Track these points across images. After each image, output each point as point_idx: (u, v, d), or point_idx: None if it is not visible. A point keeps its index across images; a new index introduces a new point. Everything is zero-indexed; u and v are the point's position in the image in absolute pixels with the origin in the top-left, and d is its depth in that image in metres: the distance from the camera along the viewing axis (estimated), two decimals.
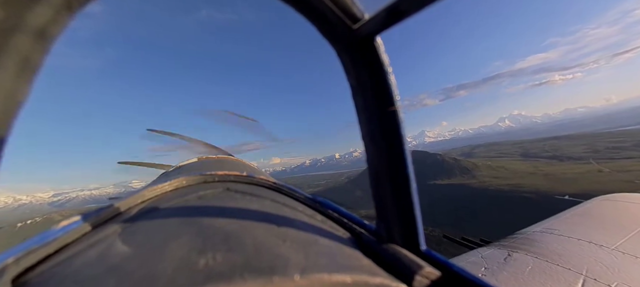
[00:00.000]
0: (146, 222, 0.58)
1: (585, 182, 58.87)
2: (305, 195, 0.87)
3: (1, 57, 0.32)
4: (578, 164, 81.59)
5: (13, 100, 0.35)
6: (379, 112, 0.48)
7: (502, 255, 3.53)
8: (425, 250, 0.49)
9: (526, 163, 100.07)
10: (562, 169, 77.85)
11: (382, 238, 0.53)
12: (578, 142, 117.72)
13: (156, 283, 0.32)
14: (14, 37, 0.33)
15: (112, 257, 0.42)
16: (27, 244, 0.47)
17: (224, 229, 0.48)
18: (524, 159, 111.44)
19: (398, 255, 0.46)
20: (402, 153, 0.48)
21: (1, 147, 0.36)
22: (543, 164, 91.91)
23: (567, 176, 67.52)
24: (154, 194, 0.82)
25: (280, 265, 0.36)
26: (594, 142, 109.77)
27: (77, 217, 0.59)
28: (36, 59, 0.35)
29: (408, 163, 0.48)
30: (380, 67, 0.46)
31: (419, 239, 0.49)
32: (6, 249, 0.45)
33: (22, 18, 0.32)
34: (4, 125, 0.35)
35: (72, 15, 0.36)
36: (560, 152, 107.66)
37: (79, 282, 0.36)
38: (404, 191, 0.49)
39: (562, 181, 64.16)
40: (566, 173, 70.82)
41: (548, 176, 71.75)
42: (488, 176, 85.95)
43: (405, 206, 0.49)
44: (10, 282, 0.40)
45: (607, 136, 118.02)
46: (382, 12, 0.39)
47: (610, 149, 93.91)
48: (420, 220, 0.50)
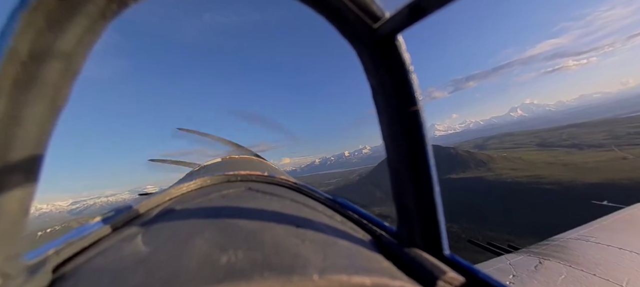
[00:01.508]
0: (172, 219, 0.60)
1: (609, 170, 56.44)
2: (325, 195, 0.87)
3: (45, 63, 0.35)
4: (599, 152, 78.69)
5: (55, 106, 0.38)
6: (401, 113, 0.47)
7: (532, 262, 3.48)
8: (449, 255, 0.48)
9: (544, 153, 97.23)
10: (583, 158, 75.15)
11: (403, 241, 0.52)
12: (597, 129, 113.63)
13: (181, 277, 0.33)
14: (55, 43, 0.35)
15: (141, 251, 0.44)
16: (66, 237, 0.51)
17: (245, 228, 0.49)
18: (541, 149, 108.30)
19: (419, 259, 0.45)
20: (425, 154, 0.47)
21: (43, 150, 0.39)
22: (562, 154, 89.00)
23: (588, 165, 64.97)
24: (180, 193, 0.87)
25: (300, 265, 0.36)
26: (613, 128, 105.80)
27: (111, 212, 0.64)
28: (76, 66, 0.38)
29: (431, 164, 0.47)
30: (402, 67, 0.45)
31: (442, 242, 0.48)
32: (48, 242, 0.48)
33: (62, 26, 0.34)
34: (46, 131, 0.38)
35: (107, 24, 0.38)
36: (579, 140, 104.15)
37: (111, 274, 0.38)
38: (426, 193, 0.48)
39: (584, 170, 61.73)
40: (587, 162, 68.22)
41: (568, 166, 69.33)
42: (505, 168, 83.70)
43: (427, 209, 0.48)
44: (51, 272, 0.43)
45: (627, 121, 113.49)
46: (403, 9, 0.38)
47: (632, 135, 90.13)
48: (444, 223, 0.49)
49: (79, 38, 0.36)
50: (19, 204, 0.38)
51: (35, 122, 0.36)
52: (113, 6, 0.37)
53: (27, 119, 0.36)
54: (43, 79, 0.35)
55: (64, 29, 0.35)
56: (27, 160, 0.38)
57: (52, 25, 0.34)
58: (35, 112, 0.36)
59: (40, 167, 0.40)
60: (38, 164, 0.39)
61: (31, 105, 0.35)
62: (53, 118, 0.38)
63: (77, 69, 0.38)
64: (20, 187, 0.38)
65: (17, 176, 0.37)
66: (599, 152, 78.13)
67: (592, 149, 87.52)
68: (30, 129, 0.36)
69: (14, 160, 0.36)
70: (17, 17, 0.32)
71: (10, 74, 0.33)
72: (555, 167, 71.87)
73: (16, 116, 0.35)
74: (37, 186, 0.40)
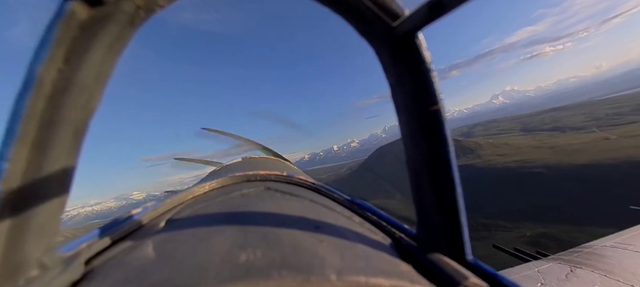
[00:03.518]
0: (195, 216, 0.63)
1: (594, 151, 57.44)
2: (344, 196, 0.88)
3: (79, 69, 0.37)
4: (582, 134, 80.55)
5: (88, 109, 0.40)
6: (421, 112, 0.46)
7: (562, 270, 3.40)
8: (472, 260, 0.46)
9: (528, 137, 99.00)
10: (567, 140, 76.65)
11: (423, 244, 0.50)
12: (576, 111, 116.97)
13: (203, 272, 0.34)
14: (88, 50, 0.36)
15: (165, 246, 0.46)
16: (97, 232, 0.54)
17: (264, 227, 0.49)
18: (526, 134, 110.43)
19: (440, 263, 0.43)
20: (446, 154, 0.46)
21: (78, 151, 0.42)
22: (546, 137, 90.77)
23: (573, 147, 66.17)
24: (202, 191, 0.91)
25: (317, 265, 0.36)
26: (592, 110, 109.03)
27: (139, 209, 0.68)
28: (107, 71, 0.40)
29: (452, 165, 0.46)
30: (422, 65, 0.44)
31: (464, 247, 0.47)
32: (80, 236, 0.51)
33: (94, 33, 0.36)
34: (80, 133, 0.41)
35: (135, 31, 0.40)
36: (561, 123, 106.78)
37: (138, 267, 0.40)
38: (448, 195, 0.47)
39: (570, 152, 62.79)
40: (572, 144, 69.51)
41: (554, 149, 70.45)
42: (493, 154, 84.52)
43: (449, 211, 0.47)
44: (84, 264, 0.45)
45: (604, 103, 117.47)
46: (423, 7, 0.37)
47: (611, 116, 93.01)
48: (466, 227, 0.47)
49: (110, 45, 0.38)
50: (56, 201, 0.41)
51: (70, 125, 0.39)
52: (141, 13, 0.38)
53: (64, 122, 0.38)
54: (77, 84, 0.37)
55: (96, 36, 0.36)
56: (62, 160, 0.40)
57: (85, 33, 0.36)
58: (70, 116, 0.38)
59: (74, 167, 0.42)
60: (73, 164, 0.42)
61: (67, 108, 0.37)
62: (87, 121, 0.41)
63: (108, 74, 0.40)
64: (56, 187, 0.40)
65: (54, 175, 0.39)
66: (581, 134, 79.99)
67: (574, 131, 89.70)
68: (66, 131, 0.39)
69: (51, 161, 0.38)
70: (53, 27, 0.34)
71: (49, 80, 0.35)
72: (542, 150, 72.93)
73: (54, 119, 0.37)
74: (72, 185, 0.43)
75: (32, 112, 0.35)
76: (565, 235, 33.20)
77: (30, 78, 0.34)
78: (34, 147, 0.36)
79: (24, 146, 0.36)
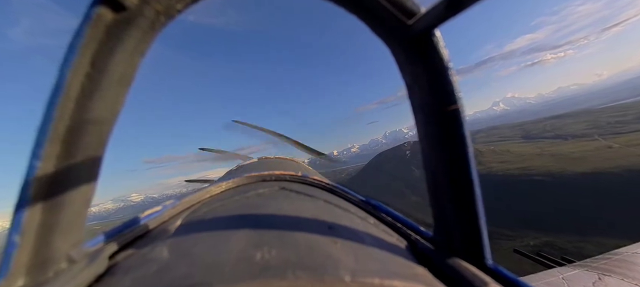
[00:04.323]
0: (211, 215, 0.64)
1: (597, 159, 56.88)
2: (359, 197, 0.88)
3: (105, 72, 0.39)
4: (584, 141, 79.83)
5: (114, 111, 0.42)
6: (438, 112, 0.44)
7: (589, 278, 3.22)
8: (492, 265, 0.44)
9: (530, 145, 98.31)
10: (569, 148, 76.02)
11: (440, 247, 0.49)
12: (578, 119, 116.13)
13: (219, 270, 0.35)
14: (113, 53, 0.39)
15: (183, 244, 0.47)
16: (119, 228, 0.57)
17: (279, 227, 0.50)
18: (527, 141, 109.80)
19: (458, 267, 0.42)
20: (465, 156, 0.44)
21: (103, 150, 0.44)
22: (548, 145, 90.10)
23: (575, 155, 65.59)
24: (219, 190, 0.94)
25: (331, 265, 0.36)
26: (594, 118, 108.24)
27: (159, 207, 0.71)
28: (130, 73, 0.42)
29: (471, 167, 0.45)
30: (440, 63, 0.43)
31: (484, 251, 0.45)
32: (105, 231, 0.53)
33: (119, 37, 0.38)
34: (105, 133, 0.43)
35: (156, 35, 0.42)
36: (563, 131, 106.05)
37: (158, 263, 0.41)
38: (466, 197, 0.45)
39: (572, 160, 62.22)
40: (574, 152, 68.96)
41: (556, 157, 69.89)
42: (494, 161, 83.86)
43: (468, 214, 0.45)
44: (108, 259, 0.46)
45: (606, 111, 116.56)
46: (439, 4, 0.36)
47: (613, 124, 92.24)
48: (486, 230, 0.45)
49: (133, 48, 0.40)
50: (82, 198, 0.43)
51: (97, 125, 0.41)
52: (161, 18, 0.40)
53: (91, 123, 0.40)
54: (103, 86, 0.39)
55: (120, 40, 0.38)
56: (89, 159, 0.41)
57: (110, 38, 0.37)
58: (97, 117, 0.40)
59: (100, 166, 0.44)
60: (98, 163, 0.44)
61: (94, 109, 0.39)
62: (112, 121, 0.43)
63: (131, 77, 0.42)
64: (83, 184, 0.42)
65: (81, 174, 0.41)
66: (583, 142, 79.29)
67: (576, 139, 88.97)
68: (93, 132, 0.40)
69: (79, 160, 0.40)
70: (81, 32, 0.36)
71: (77, 83, 0.37)
72: (544, 158, 72.37)
73: (82, 120, 0.39)
74: (97, 183, 0.45)
75: (62, 113, 0.37)
76: (569, 245, 32.53)
77: (61, 81, 0.36)
78: (64, 146, 0.38)
79: (55, 145, 0.37)
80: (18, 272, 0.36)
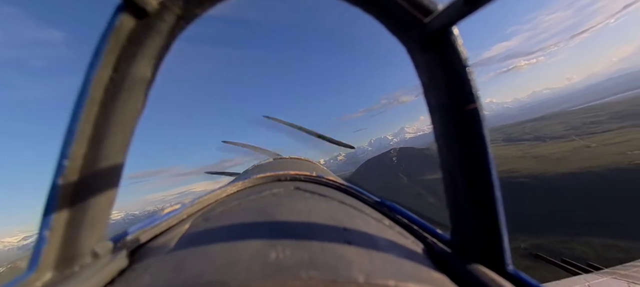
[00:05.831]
0: (227, 213, 0.65)
1: (576, 159, 57.91)
2: (374, 198, 0.87)
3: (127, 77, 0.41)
4: (562, 143, 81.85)
5: (134, 115, 0.45)
6: (456, 111, 0.43)
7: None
8: (513, 270, 0.42)
9: (512, 147, 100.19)
10: (549, 149, 77.70)
11: (457, 251, 0.47)
12: (555, 121, 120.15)
13: (235, 268, 0.36)
14: (135, 58, 0.40)
15: (200, 241, 0.48)
16: (141, 225, 0.59)
17: (293, 226, 0.50)
18: (509, 144, 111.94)
19: (477, 272, 0.40)
20: (484, 156, 0.42)
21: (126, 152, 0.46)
22: (528, 147, 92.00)
23: (556, 156, 66.82)
24: (235, 189, 0.96)
25: (345, 266, 0.36)
26: (570, 119, 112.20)
27: (178, 205, 0.74)
28: (150, 77, 0.44)
29: (491, 168, 0.42)
30: (457, 62, 0.41)
31: (504, 256, 0.43)
32: (126, 229, 0.56)
33: (141, 43, 0.40)
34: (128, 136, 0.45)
35: (175, 39, 0.43)
36: (542, 133, 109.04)
37: (176, 260, 0.42)
38: (485, 199, 0.43)
39: (553, 161, 63.28)
40: (555, 152, 70.35)
41: (538, 158, 71.04)
42: None
43: (487, 217, 0.43)
44: (129, 255, 0.48)
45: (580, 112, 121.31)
46: (457, 1, 0.35)
47: (588, 124, 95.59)
48: (506, 234, 0.43)
49: (153, 53, 0.42)
50: (107, 196, 0.45)
51: (120, 126, 0.43)
52: (181, 23, 0.41)
53: (115, 124, 0.42)
54: (126, 89, 0.41)
55: (141, 45, 0.40)
56: (113, 159, 0.44)
57: (132, 43, 0.39)
58: (120, 118, 0.42)
59: (123, 166, 0.46)
60: (121, 163, 0.46)
61: (117, 111, 0.42)
62: (134, 122, 0.45)
63: (152, 80, 0.44)
64: (107, 183, 0.45)
65: (106, 172, 0.43)
66: (562, 143, 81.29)
67: (554, 140, 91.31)
68: (116, 132, 0.43)
69: (103, 159, 0.42)
70: (105, 38, 0.38)
71: (101, 86, 0.39)
72: (526, 160, 73.42)
73: (107, 121, 0.41)
74: (120, 182, 0.47)
75: (88, 114, 0.39)
76: (561, 246, 31.81)
77: (87, 84, 0.38)
78: (90, 146, 0.40)
79: (81, 145, 0.39)
80: (47, 266, 0.38)
